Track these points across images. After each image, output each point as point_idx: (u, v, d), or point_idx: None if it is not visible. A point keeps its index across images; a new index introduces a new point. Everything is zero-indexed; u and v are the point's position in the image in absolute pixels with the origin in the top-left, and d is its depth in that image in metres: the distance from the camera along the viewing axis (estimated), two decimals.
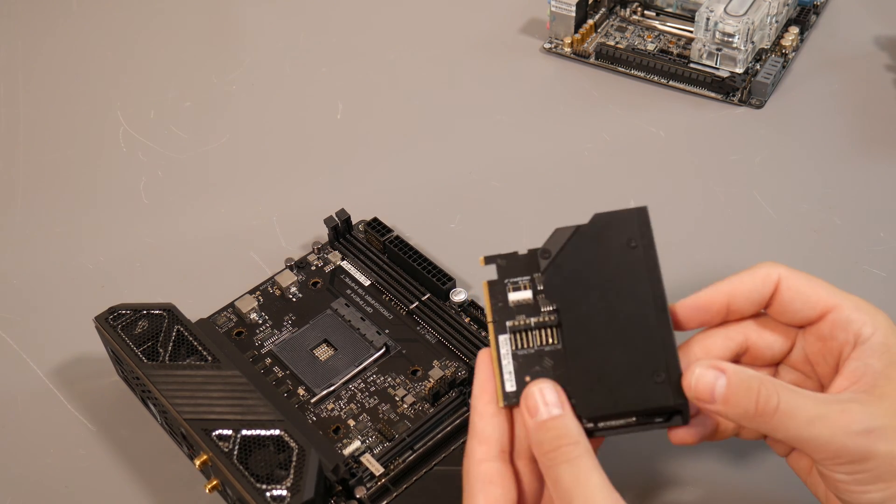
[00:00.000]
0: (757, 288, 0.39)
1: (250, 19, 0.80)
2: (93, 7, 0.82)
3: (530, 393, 0.37)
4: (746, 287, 0.39)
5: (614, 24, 0.74)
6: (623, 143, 0.65)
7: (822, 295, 0.39)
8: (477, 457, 0.37)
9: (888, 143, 0.63)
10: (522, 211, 0.61)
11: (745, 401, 0.36)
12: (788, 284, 0.39)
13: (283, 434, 0.43)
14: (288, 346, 0.51)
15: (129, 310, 0.50)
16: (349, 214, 0.57)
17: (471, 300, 0.53)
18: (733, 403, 0.36)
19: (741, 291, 0.39)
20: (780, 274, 0.39)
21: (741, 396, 0.36)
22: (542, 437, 0.36)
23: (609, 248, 0.40)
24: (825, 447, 0.36)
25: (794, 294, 0.39)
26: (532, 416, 0.37)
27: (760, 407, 0.36)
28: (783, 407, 0.36)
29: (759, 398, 0.36)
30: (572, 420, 0.36)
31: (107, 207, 0.64)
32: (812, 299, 0.39)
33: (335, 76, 0.73)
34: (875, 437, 0.35)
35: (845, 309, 0.38)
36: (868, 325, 0.37)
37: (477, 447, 0.38)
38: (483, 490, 0.37)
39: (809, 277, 0.39)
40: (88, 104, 0.72)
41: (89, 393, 0.52)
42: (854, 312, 0.38)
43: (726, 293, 0.40)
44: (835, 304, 0.38)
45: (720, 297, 0.40)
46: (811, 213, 0.59)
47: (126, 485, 0.48)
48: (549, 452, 0.36)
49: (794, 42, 0.70)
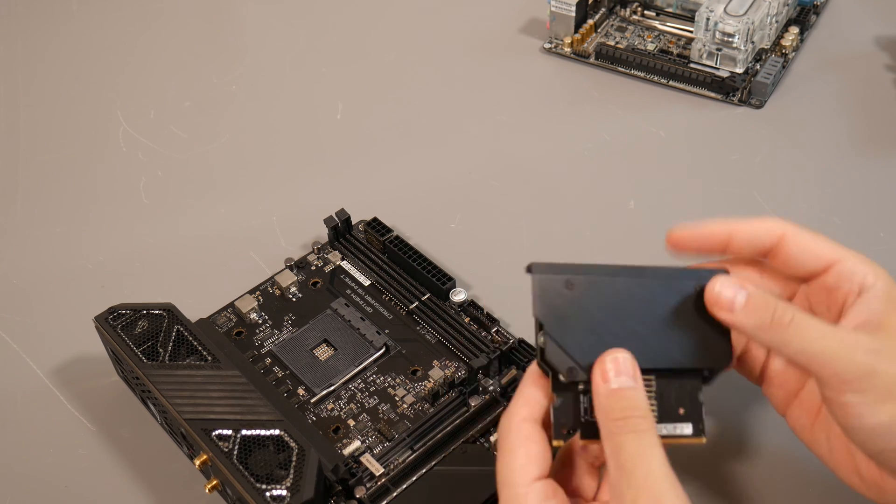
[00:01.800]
0: (759, 235, 0.41)
1: (251, 19, 0.80)
2: (93, 7, 0.82)
3: (607, 360, 0.37)
4: (750, 230, 0.41)
5: (614, 24, 0.74)
6: (623, 143, 0.65)
7: (827, 249, 0.40)
8: (519, 415, 0.38)
9: (888, 144, 0.63)
10: (522, 211, 0.61)
11: (763, 312, 0.38)
12: (795, 240, 0.40)
13: (283, 434, 0.43)
14: (288, 346, 0.51)
15: (129, 310, 0.50)
16: (349, 214, 0.57)
17: (471, 300, 0.53)
18: (752, 313, 0.38)
19: (743, 233, 0.41)
20: (785, 230, 0.40)
21: (759, 307, 0.38)
22: (613, 405, 0.36)
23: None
24: (833, 361, 0.37)
25: (800, 248, 0.40)
26: (605, 381, 0.37)
27: (776, 318, 0.38)
28: (797, 321, 0.37)
29: (776, 311, 0.38)
30: (643, 395, 0.37)
31: (107, 207, 0.64)
32: (818, 253, 0.40)
33: (335, 76, 0.73)
34: (881, 357, 0.37)
35: (849, 261, 0.40)
36: (871, 276, 0.39)
37: (522, 407, 0.38)
38: (523, 446, 0.37)
39: (814, 234, 0.41)
40: (88, 104, 0.72)
41: (89, 393, 0.52)
42: (858, 264, 0.40)
43: (729, 229, 0.41)
44: (839, 256, 0.40)
45: (722, 229, 0.41)
46: (811, 213, 0.59)
47: (126, 485, 0.48)
48: (617, 420, 0.36)
49: (794, 42, 0.70)
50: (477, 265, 0.57)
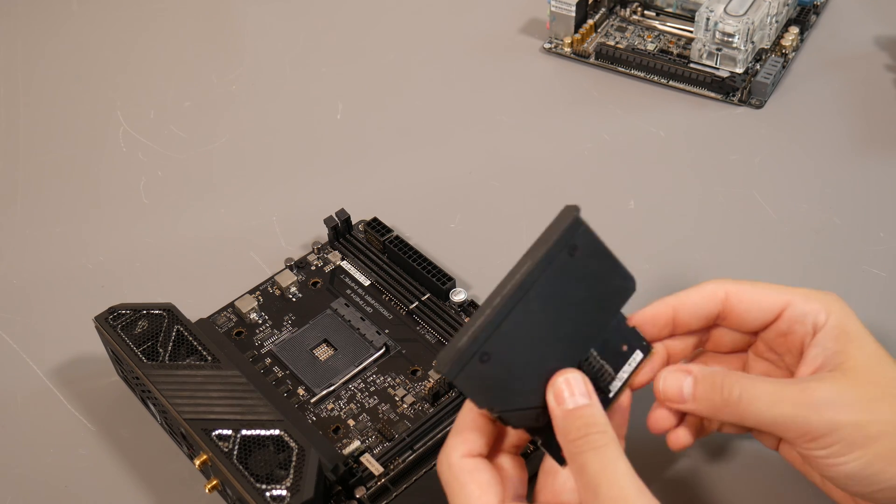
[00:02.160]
0: (704, 304, 0.41)
1: (251, 19, 0.80)
2: (93, 7, 0.82)
3: (557, 383, 0.38)
4: (693, 302, 0.41)
5: (614, 24, 0.74)
6: (623, 143, 0.65)
7: (772, 297, 0.40)
8: (457, 453, 0.38)
9: (888, 143, 0.63)
10: (522, 211, 0.61)
11: (712, 394, 0.38)
12: (739, 298, 0.41)
13: (283, 434, 0.43)
14: (288, 345, 0.51)
15: (129, 310, 0.50)
16: (349, 214, 0.57)
17: (471, 300, 0.53)
18: (702, 399, 0.39)
19: (687, 306, 0.41)
20: (726, 290, 0.41)
21: (708, 391, 0.39)
22: (570, 426, 0.37)
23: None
24: (791, 426, 0.37)
25: (746, 305, 0.41)
26: (559, 404, 0.37)
27: (725, 398, 0.38)
28: (745, 394, 0.38)
29: (723, 391, 0.38)
30: (599, 410, 0.37)
31: (107, 207, 0.64)
32: (764, 304, 0.40)
33: (335, 76, 0.73)
34: (836, 409, 0.37)
35: (798, 303, 0.40)
36: (822, 313, 0.39)
37: (458, 446, 0.38)
38: (472, 478, 0.37)
39: (755, 284, 0.41)
40: (88, 104, 0.72)
41: (89, 393, 0.52)
42: (806, 304, 0.40)
43: (672, 307, 0.41)
44: (786, 301, 0.40)
45: (666, 311, 0.41)
46: (811, 213, 0.59)
47: (126, 485, 0.48)
48: (576, 440, 0.36)
49: (794, 42, 0.70)
50: (477, 265, 0.57)
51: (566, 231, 0.37)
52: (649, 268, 0.57)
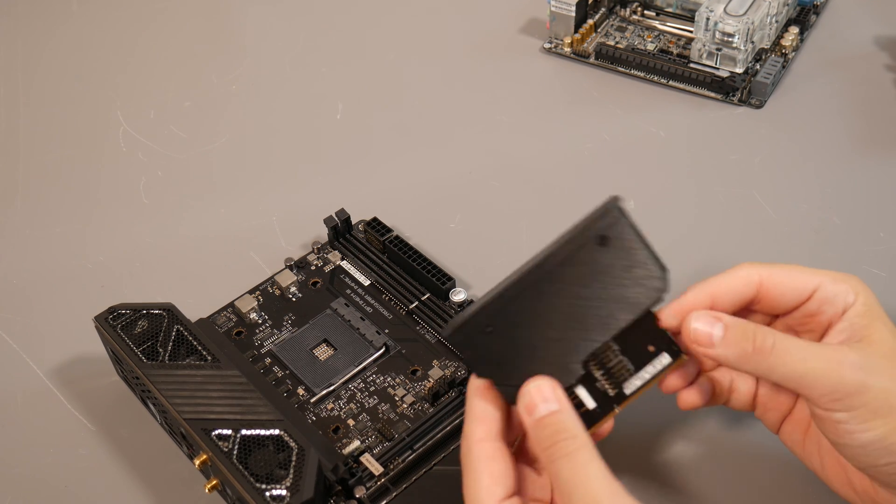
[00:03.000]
0: (739, 289, 0.41)
1: (251, 19, 0.80)
2: (93, 7, 0.82)
3: (526, 391, 0.37)
4: (729, 288, 0.41)
5: (614, 23, 0.74)
6: (623, 143, 0.65)
7: (804, 279, 0.40)
8: (477, 436, 0.38)
9: (888, 143, 0.63)
10: (522, 211, 0.61)
11: (743, 341, 0.38)
12: (773, 281, 0.40)
13: (283, 434, 0.43)
14: (288, 345, 0.51)
15: (129, 310, 0.50)
16: (349, 214, 0.57)
17: (471, 300, 0.53)
18: (732, 344, 0.38)
19: (724, 293, 0.41)
20: (759, 275, 0.41)
21: (738, 338, 0.38)
22: (540, 434, 0.37)
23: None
24: (821, 381, 0.37)
25: (780, 289, 0.40)
26: (529, 414, 0.37)
27: (758, 346, 0.38)
28: (779, 345, 0.38)
29: (756, 339, 0.38)
30: (569, 415, 0.37)
31: (107, 207, 0.64)
32: (798, 286, 0.40)
33: (335, 76, 0.73)
34: (867, 371, 0.37)
35: (827, 285, 0.40)
36: (850, 293, 0.40)
37: (476, 427, 0.38)
38: (487, 467, 0.37)
39: (785, 267, 0.41)
40: (88, 104, 0.72)
41: (89, 393, 0.52)
42: (836, 285, 0.40)
43: (709, 295, 0.41)
44: (817, 283, 0.40)
45: (703, 300, 0.41)
46: (811, 213, 0.59)
47: (126, 485, 0.48)
48: (547, 448, 0.36)
49: (794, 42, 0.70)
50: (477, 265, 0.57)
51: (596, 221, 0.37)
52: None
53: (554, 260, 0.37)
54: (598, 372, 0.39)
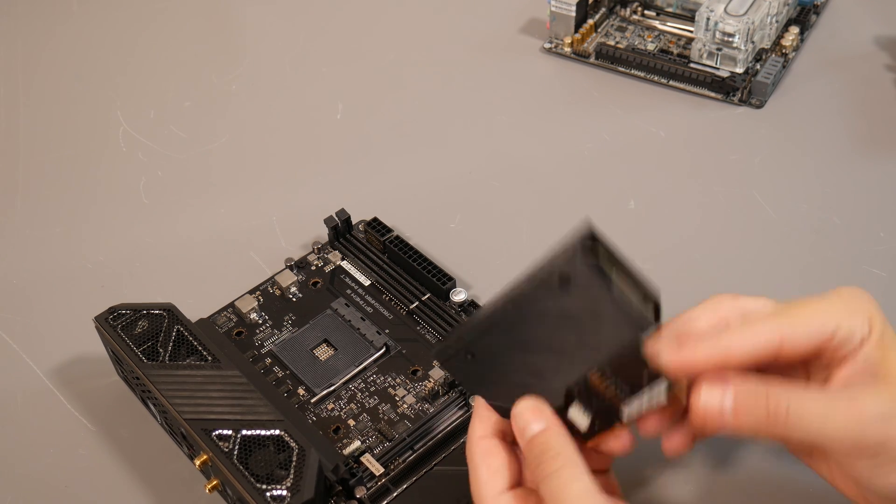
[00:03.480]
0: (757, 353, 0.36)
1: (250, 19, 0.80)
2: (93, 7, 0.82)
3: (517, 413, 0.38)
4: (746, 352, 0.36)
5: (614, 23, 0.74)
6: (623, 143, 0.65)
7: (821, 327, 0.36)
8: (476, 434, 0.39)
9: (888, 144, 0.63)
10: (522, 211, 0.61)
11: (756, 409, 0.35)
12: (793, 343, 0.36)
13: (283, 434, 0.43)
14: (288, 346, 0.51)
15: (129, 310, 0.50)
16: (349, 214, 0.57)
17: (471, 300, 0.53)
18: (744, 414, 0.35)
19: (739, 356, 0.36)
20: (781, 336, 0.36)
21: (751, 406, 0.35)
22: (530, 456, 0.37)
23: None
24: (842, 441, 0.35)
25: (798, 349, 0.36)
26: (521, 437, 0.37)
27: (772, 412, 0.35)
28: (794, 409, 0.35)
29: (769, 405, 0.35)
30: (554, 433, 0.37)
31: (107, 207, 0.64)
32: (815, 338, 0.36)
33: (335, 76, 0.73)
34: (888, 421, 0.35)
35: (844, 326, 0.36)
36: (866, 325, 0.37)
37: (477, 425, 0.39)
38: (483, 462, 0.38)
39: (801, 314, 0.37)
40: (88, 104, 0.72)
41: (89, 393, 0.52)
42: (852, 321, 0.37)
43: (723, 360, 0.36)
44: (834, 327, 0.36)
45: (716, 361, 0.36)
46: (811, 213, 0.59)
47: (126, 485, 0.48)
48: (535, 469, 0.36)
49: (794, 42, 0.70)
50: (477, 265, 0.57)
51: (575, 246, 0.34)
52: (649, 268, 0.56)
53: (522, 296, 0.36)
54: (592, 395, 0.38)
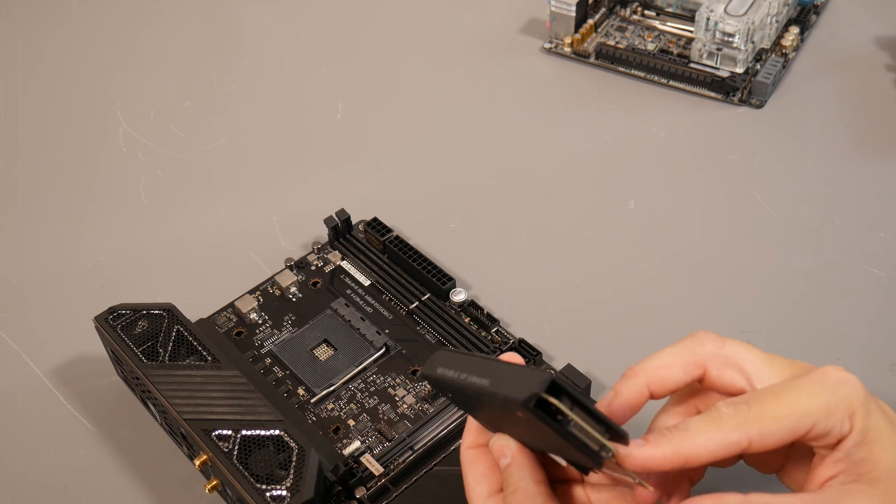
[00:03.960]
0: (723, 454, 0.35)
1: (250, 19, 0.80)
2: (93, 7, 0.82)
3: (489, 445, 0.39)
4: (710, 455, 0.35)
5: (614, 23, 0.74)
6: (623, 143, 0.65)
7: (794, 428, 0.35)
8: (465, 444, 0.40)
9: (888, 144, 0.63)
10: (522, 211, 0.61)
11: None
12: (762, 443, 0.35)
13: (283, 434, 0.43)
14: (288, 346, 0.51)
15: (129, 310, 0.50)
16: (349, 214, 0.57)
17: (471, 300, 0.53)
18: None
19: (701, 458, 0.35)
20: (749, 439, 0.35)
21: None
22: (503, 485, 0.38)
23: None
24: None
25: (768, 447, 0.35)
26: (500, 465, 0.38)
27: None
28: None
29: None
30: (516, 467, 0.37)
31: (107, 207, 0.64)
32: (786, 439, 0.35)
33: (335, 76, 0.73)
34: None
35: (821, 424, 0.35)
36: (846, 423, 0.35)
37: (465, 436, 0.40)
38: (469, 469, 0.39)
39: (773, 410, 0.35)
40: (88, 104, 0.72)
41: (89, 393, 0.52)
42: (830, 419, 0.35)
43: (684, 459, 0.35)
44: (810, 425, 0.35)
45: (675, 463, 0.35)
46: (811, 213, 0.59)
47: (126, 485, 0.48)
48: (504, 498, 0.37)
49: (794, 42, 0.70)
50: (477, 265, 0.57)
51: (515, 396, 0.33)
52: (649, 268, 0.57)
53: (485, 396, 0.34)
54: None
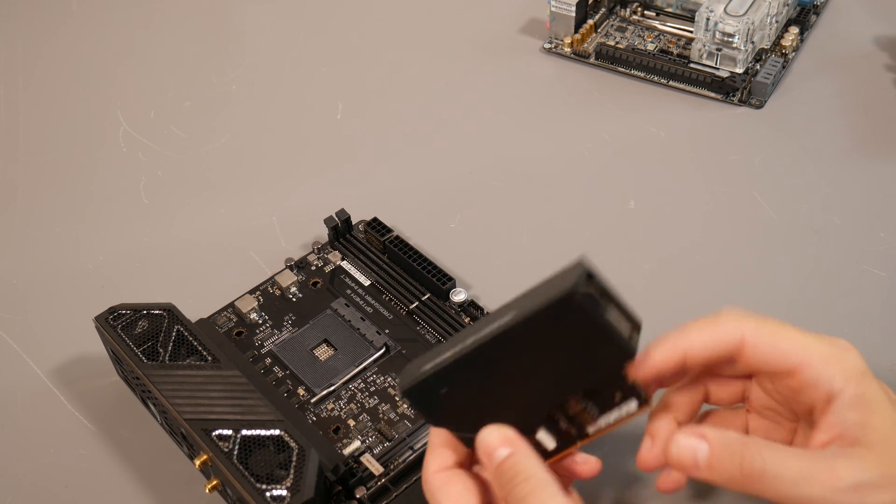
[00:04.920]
0: (718, 348, 0.37)
1: (250, 19, 0.80)
2: (93, 7, 0.82)
3: (480, 440, 0.37)
4: (706, 345, 0.37)
5: (614, 24, 0.74)
6: (623, 143, 0.65)
7: (788, 353, 0.37)
8: (431, 469, 0.38)
9: (888, 144, 0.63)
10: (522, 211, 0.61)
11: (730, 465, 0.35)
12: (754, 343, 0.37)
13: (283, 434, 0.43)
14: (288, 346, 0.51)
15: (129, 310, 0.50)
16: (349, 214, 0.57)
17: (471, 300, 0.53)
18: (718, 469, 0.36)
19: (700, 349, 0.37)
20: (744, 333, 0.37)
21: (725, 461, 0.35)
22: (500, 481, 0.37)
23: None
24: None
25: (759, 358, 0.37)
26: (489, 462, 0.37)
27: (745, 470, 0.35)
28: (769, 468, 0.35)
29: (744, 462, 0.35)
30: (524, 456, 0.36)
31: (107, 207, 0.64)
32: (779, 361, 0.37)
33: (335, 76, 0.73)
34: (865, 492, 0.35)
35: (814, 366, 0.36)
36: (838, 380, 0.36)
37: (431, 461, 0.38)
38: (442, 492, 0.38)
39: (774, 331, 0.37)
40: (88, 104, 0.72)
41: (89, 393, 0.52)
42: (823, 368, 0.36)
43: (683, 352, 0.37)
44: (801, 361, 0.36)
45: (675, 356, 0.37)
46: (811, 213, 0.59)
47: (126, 485, 0.48)
48: (507, 494, 0.36)
49: (794, 42, 0.70)
50: (477, 265, 0.57)
51: (558, 301, 0.34)
52: (649, 268, 0.57)
53: (512, 330, 0.35)
54: (561, 417, 0.38)
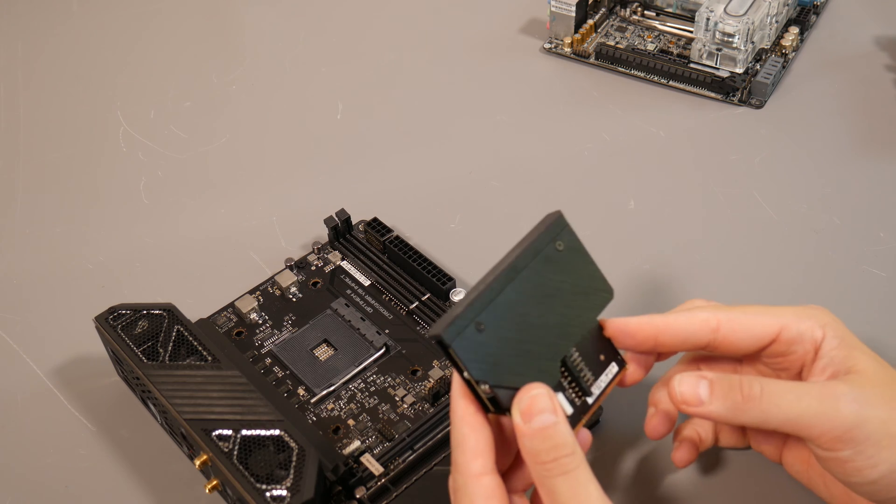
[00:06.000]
0: (692, 332, 0.40)
1: (250, 19, 0.80)
2: (93, 7, 0.82)
3: (525, 397, 0.35)
4: (681, 328, 0.40)
5: (614, 24, 0.74)
6: (623, 143, 0.65)
7: (765, 323, 0.40)
8: (474, 471, 0.36)
9: (888, 143, 0.63)
10: (522, 211, 0.61)
11: (731, 392, 0.38)
12: (731, 327, 0.40)
13: (283, 434, 0.43)
14: (288, 346, 0.51)
15: (129, 310, 0.50)
16: (349, 214, 0.57)
17: None
18: (720, 398, 0.38)
19: (673, 331, 0.40)
20: (718, 320, 0.40)
21: (726, 390, 0.38)
22: (539, 447, 0.35)
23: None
24: (818, 418, 0.36)
25: (738, 335, 0.40)
26: (526, 422, 0.35)
27: (746, 394, 0.37)
28: (767, 390, 0.37)
29: (743, 388, 0.37)
30: (567, 428, 0.35)
31: (107, 207, 0.64)
32: (758, 332, 0.40)
33: (335, 76, 0.73)
34: (862, 403, 0.36)
35: (792, 325, 0.39)
36: (817, 329, 0.39)
37: (472, 461, 0.36)
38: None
39: (745, 310, 0.40)
40: (88, 104, 0.72)
41: (89, 393, 0.52)
42: (800, 323, 0.39)
43: (656, 328, 0.40)
44: (780, 325, 0.39)
45: (648, 330, 0.40)
46: (811, 213, 0.59)
47: (126, 485, 0.48)
48: (546, 463, 0.35)
49: (794, 42, 0.70)
50: (477, 265, 0.57)
51: (552, 226, 0.39)
52: (649, 268, 0.57)
53: (523, 260, 0.38)
54: (567, 380, 0.39)
